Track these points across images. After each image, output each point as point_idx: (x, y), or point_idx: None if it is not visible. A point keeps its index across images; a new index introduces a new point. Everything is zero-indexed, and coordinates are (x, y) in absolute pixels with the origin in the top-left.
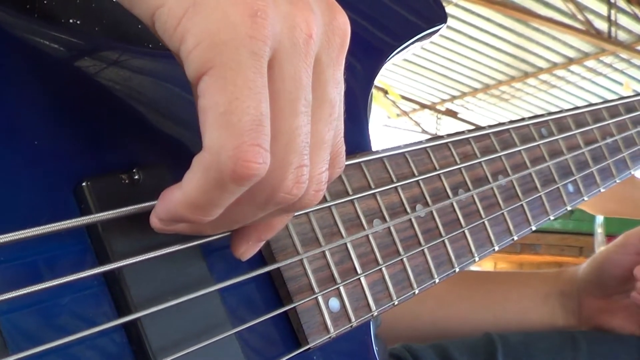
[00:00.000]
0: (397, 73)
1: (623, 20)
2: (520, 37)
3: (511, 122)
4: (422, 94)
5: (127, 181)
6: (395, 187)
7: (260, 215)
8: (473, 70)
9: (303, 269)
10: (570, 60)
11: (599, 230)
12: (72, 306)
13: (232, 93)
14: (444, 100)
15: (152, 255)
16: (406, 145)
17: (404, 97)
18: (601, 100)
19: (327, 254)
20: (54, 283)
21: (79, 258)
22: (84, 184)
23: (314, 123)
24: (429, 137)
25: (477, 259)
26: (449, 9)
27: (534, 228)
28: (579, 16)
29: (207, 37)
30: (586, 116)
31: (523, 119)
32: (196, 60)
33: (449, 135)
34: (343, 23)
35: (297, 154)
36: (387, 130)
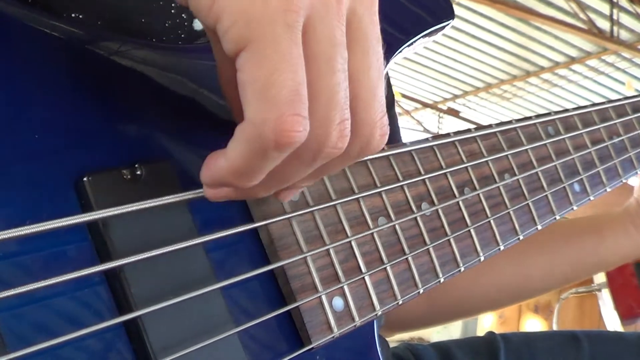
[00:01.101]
0: (399, 72)
1: (625, 19)
2: (522, 36)
3: (518, 120)
4: (423, 92)
5: (129, 177)
6: (401, 185)
7: (309, 172)
8: (475, 69)
9: (307, 267)
10: (573, 60)
11: None
12: (72, 304)
13: (269, 67)
14: (445, 99)
15: (154, 253)
16: (412, 143)
17: (405, 96)
18: (603, 100)
19: (332, 252)
20: (54, 281)
21: (79, 255)
22: (85, 179)
23: (364, 72)
24: (435, 134)
25: (482, 258)
26: None
27: (539, 227)
28: (581, 15)
29: (242, 15)
30: (593, 115)
31: (530, 118)
32: (233, 38)
33: (456, 133)
34: None
35: (338, 109)
36: None
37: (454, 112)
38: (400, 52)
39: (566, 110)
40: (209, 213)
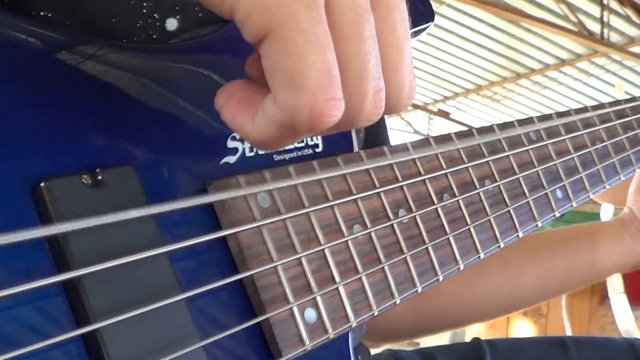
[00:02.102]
0: None
1: (615, 21)
2: (512, 38)
3: (500, 125)
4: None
5: (89, 182)
6: (378, 192)
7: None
8: (465, 70)
9: (277, 277)
10: (563, 62)
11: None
12: (27, 316)
13: (295, 52)
14: (436, 101)
15: (115, 263)
16: (389, 148)
17: None
18: (594, 102)
19: (304, 261)
20: (8, 292)
21: (36, 265)
22: (42, 184)
23: (390, 32)
24: (415, 139)
25: (461, 267)
26: (441, 9)
27: (521, 235)
28: (572, 17)
29: (257, 3)
30: (576, 121)
31: (512, 124)
32: (252, 27)
33: (435, 138)
34: None
35: (372, 79)
36: None
37: (444, 114)
38: None
39: (549, 116)
40: (174, 220)
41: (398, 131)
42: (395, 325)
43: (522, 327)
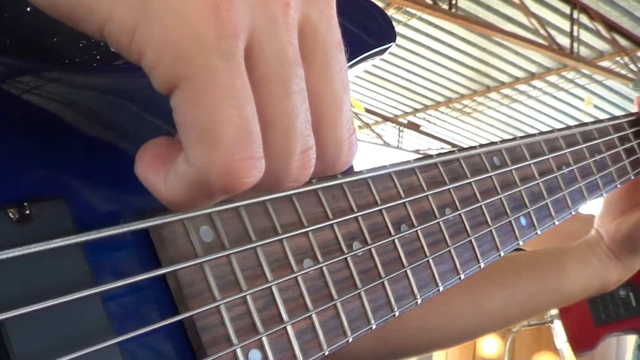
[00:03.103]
0: (358, 85)
1: (585, 36)
2: (482, 51)
3: (461, 150)
4: (384, 106)
5: (16, 217)
6: (331, 224)
7: None
8: (435, 83)
9: (220, 317)
10: (533, 75)
11: None
12: None
13: (210, 106)
14: (406, 113)
15: (41, 306)
16: (344, 175)
17: (365, 110)
18: (562, 115)
19: (249, 299)
20: None
21: None
22: None
23: (327, 85)
24: (370, 167)
25: (419, 301)
26: (412, 21)
27: (482, 265)
28: (542, 31)
29: (167, 49)
30: (541, 145)
31: (474, 147)
32: (162, 76)
33: (393, 165)
34: None
35: (299, 137)
36: None
37: (414, 126)
38: None
39: (513, 140)
40: (107, 256)
41: (368, 143)
42: (354, 353)
43: (490, 344)
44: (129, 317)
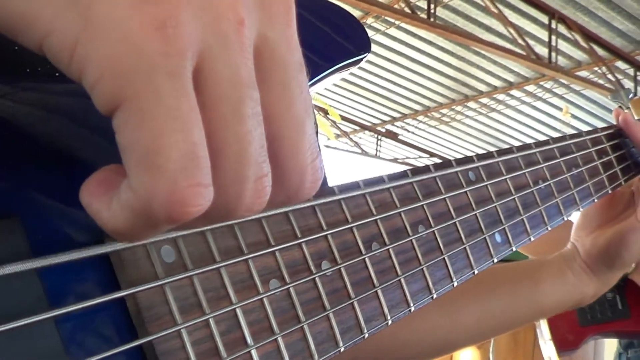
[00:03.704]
0: (337, 93)
1: (563, 45)
2: (461, 61)
3: (436, 165)
4: (362, 114)
5: None
6: (299, 243)
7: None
8: (414, 92)
9: (181, 342)
10: (511, 85)
11: None
12: None
13: (153, 129)
14: (384, 122)
15: None
16: (315, 197)
17: (344, 118)
18: (540, 125)
19: (212, 322)
20: None
21: None
22: None
23: (287, 108)
24: (343, 183)
25: (390, 322)
26: (390, 30)
27: (456, 284)
28: (520, 41)
29: (109, 67)
30: (518, 159)
31: (450, 163)
32: (102, 95)
33: (365, 182)
34: None
35: (253, 164)
36: (326, 152)
37: (392, 135)
38: (310, 87)
39: (489, 155)
40: (64, 278)
41: (346, 152)
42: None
43: (467, 355)
44: (85, 342)
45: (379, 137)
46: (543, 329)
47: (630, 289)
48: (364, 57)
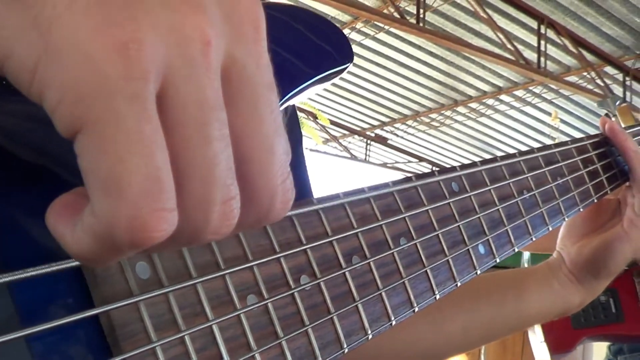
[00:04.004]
0: (326, 98)
1: (552, 50)
2: (450, 65)
3: (418, 176)
4: (351, 119)
5: None
6: (278, 257)
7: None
8: (403, 96)
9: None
10: (500, 89)
11: (526, 265)
12: None
13: (114, 154)
14: (373, 126)
15: None
16: (293, 207)
17: (333, 123)
18: (529, 130)
19: (187, 339)
20: None
21: None
22: None
23: (256, 129)
24: (322, 196)
25: (370, 336)
26: (380, 35)
27: (438, 297)
28: (509, 46)
29: (70, 90)
30: (502, 169)
31: (432, 174)
32: (62, 119)
33: (346, 195)
34: (249, 7)
35: (220, 186)
36: (314, 156)
37: (381, 139)
38: (287, 101)
39: (473, 165)
40: (36, 295)
41: (335, 157)
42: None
43: None
44: None
45: (368, 141)
46: (537, 331)
47: (623, 293)
48: (347, 67)
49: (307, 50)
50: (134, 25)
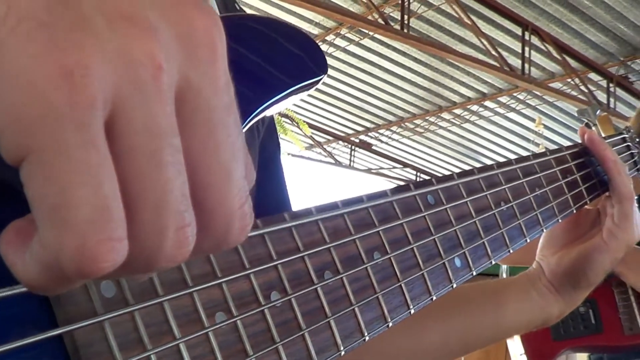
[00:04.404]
0: (310, 103)
1: (537, 57)
2: (435, 72)
3: (393, 190)
4: (336, 125)
5: None
6: (247, 273)
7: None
8: (388, 102)
9: None
10: (484, 96)
11: (504, 276)
12: None
13: (59, 183)
14: (358, 132)
15: None
16: (264, 223)
17: (317, 128)
18: (513, 135)
19: (153, 359)
20: None
21: None
22: None
23: (212, 154)
24: (295, 211)
25: (343, 352)
26: (364, 41)
27: (413, 311)
28: (493, 52)
29: (13, 117)
30: (480, 181)
31: (408, 187)
32: (6, 147)
33: (318, 209)
34: (205, 27)
35: (173, 214)
36: (298, 161)
37: (366, 145)
38: (261, 113)
39: (450, 177)
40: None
41: (319, 162)
42: None
43: None
44: None
45: (353, 147)
46: (516, 343)
47: (603, 303)
48: (321, 78)
49: (283, 62)
50: (79, 50)
